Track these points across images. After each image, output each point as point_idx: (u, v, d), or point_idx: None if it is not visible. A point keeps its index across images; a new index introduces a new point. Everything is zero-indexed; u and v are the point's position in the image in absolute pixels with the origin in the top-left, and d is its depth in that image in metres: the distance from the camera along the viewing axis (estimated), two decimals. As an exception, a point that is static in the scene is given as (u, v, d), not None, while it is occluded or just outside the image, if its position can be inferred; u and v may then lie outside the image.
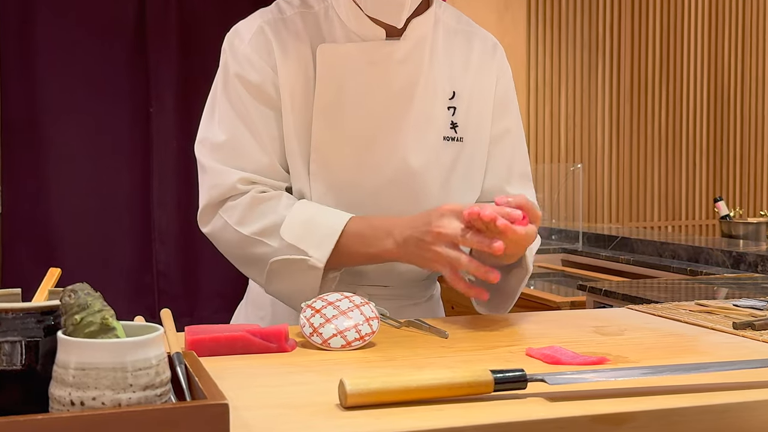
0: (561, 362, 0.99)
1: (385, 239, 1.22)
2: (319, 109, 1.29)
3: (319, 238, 1.24)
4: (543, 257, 3.43)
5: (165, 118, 3.76)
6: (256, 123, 1.29)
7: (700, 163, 4.93)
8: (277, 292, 1.30)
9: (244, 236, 1.27)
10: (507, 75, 1.42)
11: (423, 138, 1.32)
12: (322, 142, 1.29)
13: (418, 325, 1.20)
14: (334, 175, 1.30)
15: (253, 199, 1.27)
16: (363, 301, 1.14)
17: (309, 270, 1.24)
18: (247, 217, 1.27)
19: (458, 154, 1.35)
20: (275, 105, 1.29)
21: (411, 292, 1.40)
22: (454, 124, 1.35)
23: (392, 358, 1.05)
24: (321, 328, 1.09)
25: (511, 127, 1.41)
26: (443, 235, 1.15)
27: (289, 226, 1.25)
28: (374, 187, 1.31)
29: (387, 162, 1.30)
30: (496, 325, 1.24)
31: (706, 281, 2.39)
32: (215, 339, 1.04)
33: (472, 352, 1.08)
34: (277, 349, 1.06)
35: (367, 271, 1.34)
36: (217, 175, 1.29)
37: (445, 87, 1.34)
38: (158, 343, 0.73)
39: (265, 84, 1.29)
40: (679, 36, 4.85)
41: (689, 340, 1.15)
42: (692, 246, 2.89)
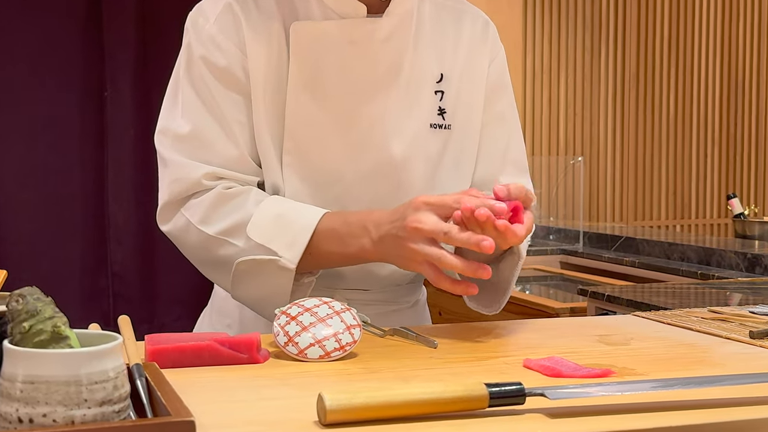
0: (562, 375, 1.00)
1: (362, 237, 1.21)
2: (292, 93, 1.28)
3: (291, 236, 1.23)
4: (540, 259, 3.44)
5: (121, 103, 3.74)
6: (223, 111, 1.29)
7: (712, 155, 4.97)
8: (244, 298, 1.30)
9: (208, 236, 1.26)
10: (500, 56, 1.42)
11: (407, 125, 1.32)
12: (297, 131, 1.29)
13: (404, 333, 1.20)
14: (310, 167, 1.30)
15: (218, 196, 1.27)
16: (343, 307, 1.13)
17: (279, 272, 1.23)
18: (212, 215, 1.27)
19: (446, 143, 1.35)
20: (244, 90, 1.29)
21: (393, 297, 1.40)
22: (441, 110, 1.35)
23: (376, 370, 1.04)
24: (297, 337, 1.08)
25: (505, 112, 1.41)
26: (420, 230, 1.14)
27: (257, 224, 1.25)
28: (354, 179, 1.31)
29: (368, 152, 1.30)
30: (490, 334, 1.25)
31: (719, 286, 2.40)
32: (179, 349, 1.03)
33: (464, 363, 1.08)
34: (248, 360, 1.06)
35: (345, 273, 1.34)
36: (180, 169, 1.28)
37: (432, 69, 1.34)
38: (116, 353, 0.73)
39: (232, 67, 1.28)
40: (690, 17, 4.88)
41: (701, 351, 1.16)
42: (703, 247, 2.91)
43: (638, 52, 4.80)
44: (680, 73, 4.89)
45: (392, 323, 1.26)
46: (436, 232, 1.13)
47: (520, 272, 1.29)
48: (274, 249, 1.23)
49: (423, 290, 1.50)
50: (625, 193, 4.81)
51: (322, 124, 1.29)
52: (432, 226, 1.13)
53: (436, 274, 1.15)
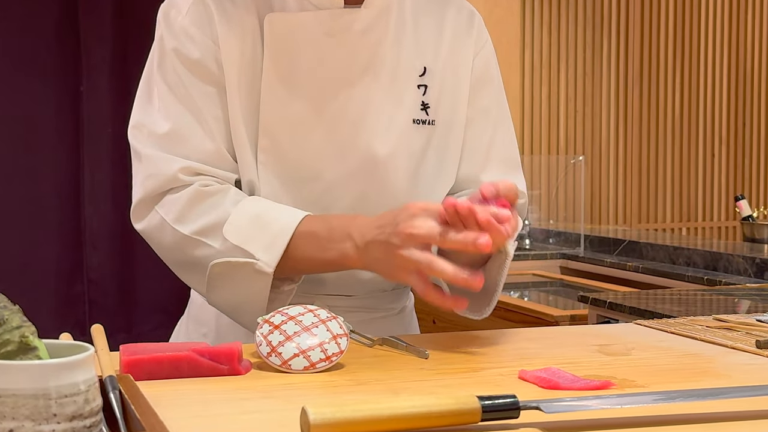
0: (559, 387, 1.00)
1: (344, 242, 1.21)
2: (267, 88, 1.29)
3: (269, 238, 1.23)
4: (539, 264, 3.44)
5: (98, 99, 3.73)
6: (198, 104, 1.29)
7: (720, 155, 4.98)
8: (219, 303, 1.30)
9: (183, 236, 1.26)
10: (486, 48, 1.42)
11: (389, 121, 1.32)
12: (272, 127, 1.29)
13: (393, 343, 1.20)
14: (287, 165, 1.30)
15: (195, 193, 1.27)
16: (330, 315, 1.13)
17: (256, 276, 1.23)
18: (188, 213, 1.27)
19: (430, 139, 1.36)
20: (219, 82, 1.29)
21: (378, 303, 1.40)
22: (424, 104, 1.35)
23: (363, 381, 1.04)
24: (280, 347, 1.08)
25: (491, 106, 1.42)
26: (414, 235, 1.14)
27: (234, 224, 1.25)
28: (334, 178, 1.31)
29: (348, 149, 1.31)
30: (484, 344, 1.25)
31: (726, 292, 2.41)
32: (155, 360, 1.03)
33: (456, 374, 1.08)
34: (229, 371, 1.06)
35: (325, 278, 1.34)
36: (155, 164, 1.29)
37: (414, 62, 1.35)
38: (88, 364, 0.73)
39: (206, 59, 1.29)
40: (695, 9, 4.90)
41: (706, 361, 1.16)
42: (710, 251, 2.91)
43: (642, 47, 4.81)
44: (686, 69, 4.90)
45: (377, 332, 1.26)
46: (432, 235, 1.13)
47: (518, 278, 1.29)
48: (251, 251, 1.23)
49: (410, 296, 1.50)
50: (628, 195, 4.82)
51: (298, 120, 1.30)
52: (427, 230, 1.13)
53: (425, 285, 1.15)
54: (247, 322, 1.28)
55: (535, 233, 3.79)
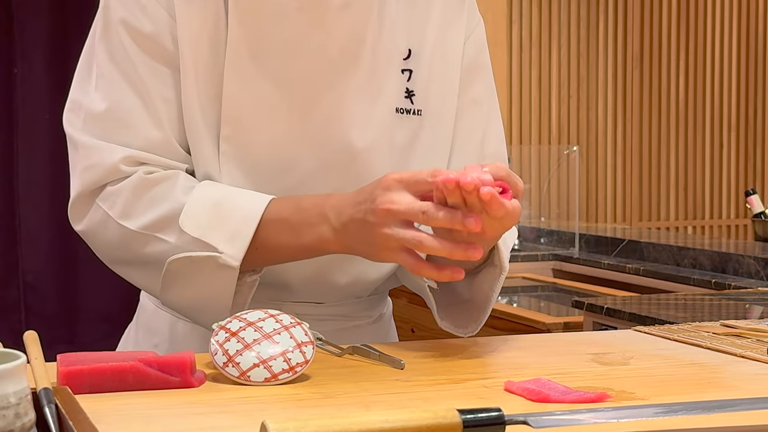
0: (549, 399, 1.00)
1: (320, 225, 1.21)
2: (231, 69, 1.28)
3: (232, 227, 1.22)
4: (529, 266, 3.45)
5: (34, 83, 3.71)
6: (146, 85, 1.28)
7: (728, 146, 5.02)
8: (177, 303, 1.29)
9: (131, 232, 1.25)
10: (478, 31, 1.42)
11: (369, 109, 1.32)
12: (236, 113, 1.28)
13: (365, 352, 1.20)
14: (253, 157, 1.29)
15: (139, 182, 1.26)
16: (293, 321, 1.13)
17: (220, 271, 1.22)
18: (135, 206, 1.26)
19: (415, 131, 1.35)
20: (173, 62, 1.28)
21: (353, 311, 1.40)
22: (409, 92, 1.35)
23: (331, 394, 1.04)
24: (238, 357, 1.08)
25: (483, 97, 1.42)
26: (394, 212, 1.13)
27: (191, 213, 1.24)
28: (306, 171, 1.30)
29: (323, 140, 1.30)
30: (466, 353, 1.25)
31: (735, 296, 2.43)
32: (97, 370, 1.03)
33: (435, 386, 1.08)
34: (181, 383, 1.05)
35: (293, 283, 1.33)
36: (94, 153, 1.27)
37: (398, 43, 1.34)
38: (18, 375, 0.72)
39: (160, 34, 1.27)
40: (702, -16, 4.93)
41: (711, 371, 1.17)
42: (718, 252, 2.94)
43: (642, 23, 4.84)
44: (691, 48, 4.93)
45: (351, 342, 1.26)
46: (413, 212, 1.12)
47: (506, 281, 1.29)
48: (213, 243, 1.22)
49: (388, 302, 1.50)
50: (628, 189, 4.85)
51: (266, 106, 1.29)
52: (407, 206, 1.12)
53: (416, 260, 1.15)
54: (208, 321, 1.27)
55: (525, 232, 3.81)
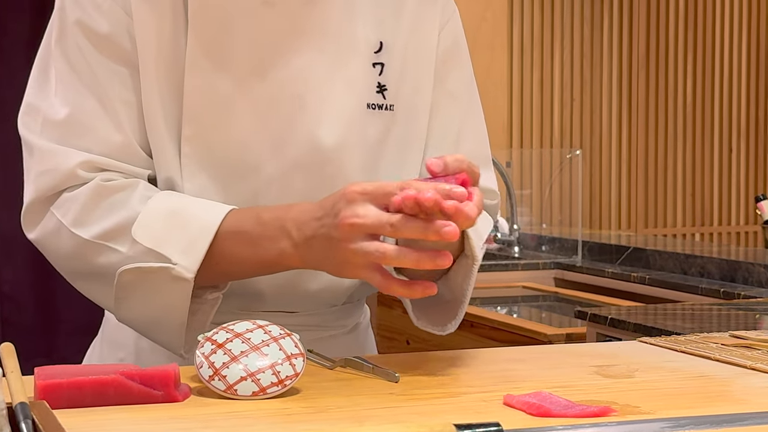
0: (550, 414, 1.00)
1: (280, 239, 1.20)
2: (192, 67, 1.28)
3: (187, 238, 1.22)
4: (530, 274, 3.45)
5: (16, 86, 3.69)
6: (105, 87, 1.28)
7: (738, 150, 5.02)
8: (131, 319, 1.28)
9: (84, 241, 1.25)
10: (453, 21, 1.42)
11: (339, 106, 1.32)
12: (198, 113, 1.29)
13: (358, 364, 1.20)
14: (217, 158, 1.29)
15: (96, 190, 1.26)
16: (283, 332, 1.13)
17: (173, 283, 1.22)
18: (89, 214, 1.25)
19: (388, 128, 1.36)
20: (131, 62, 1.28)
21: (327, 320, 1.39)
22: (381, 86, 1.35)
23: (323, 409, 1.04)
24: (225, 369, 1.08)
25: (460, 89, 1.42)
26: (359, 226, 1.12)
27: (145, 223, 1.23)
28: (274, 172, 1.30)
29: (290, 139, 1.30)
30: (463, 364, 1.25)
31: (746, 306, 2.42)
32: (76, 384, 1.02)
33: (430, 400, 1.08)
34: (164, 397, 1.05)
35: (264, 291, 1.33)
36: (50, 158, 1.27)
37: (368, 37, 1.35)
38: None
39: (116, 33, 1.28)
40: (710, -19, 4.94)
41: (721, 384, 1.17)
42: (727, 260, 2.93)
43: (648, 24, 4.84)
44: (699, 49, 4.94)
45: (327, 353, 1.26)
46: (380, 225, 1.11)
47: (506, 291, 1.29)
48: (167, 254, 1.22)
49: (365, 311, 1.50)
50: (633, 195, 4.85)
51: (230, 105, 1.29)
52: (373, 219, 1.12)
53: (384, 277, 1.14)
54: (165, 340, 1.27)
55: (526, 239, 3.81)
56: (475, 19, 4.33)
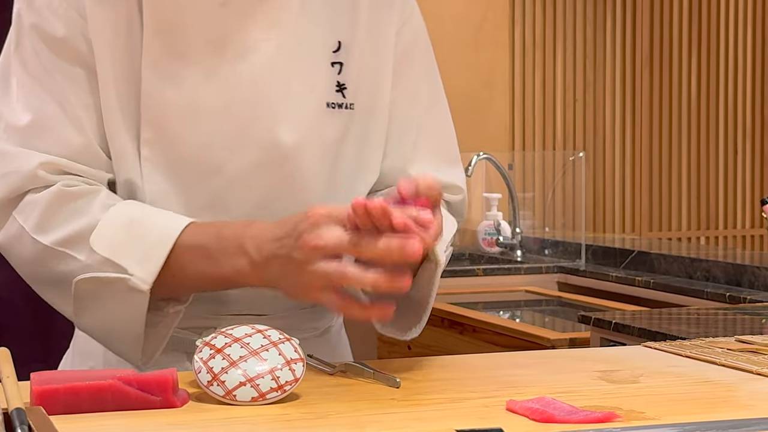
0: (554, 419, 1.00)
1: (238, 257, 1.21)
2: (149, 70, 1.29)
3: (144, 250, 1.23)
4: (532, 279, 3.45)
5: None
6: (64, 91, 1.29)
7: (743, 152, 5.02)
8: (90, 328, 1.29)
9: (44, 247, 1.26)
10: (413, 19, 1.44)
11: (299, 105, 1.33)
12: (157, 116, 1.30)
13: (358, 369, 1.20)
14: (177, 161, 1.31)
15: (57, 195, 1.26)
16: (282, 336, 1.13)
17: (129, 294, 1.22)
18: (50, 219, 1.26)
19: (348, 126, 1.37)
20: (88, 64, 1.30)
21: (298, 323, 1.39)
22: (341, 85, 1.36)
23: (323, 415, 1.04)
24: (223, 375, 1.08)
25: (419, 87, 1.44)
26: (321, 248, 1.14)
27: (103, 232, 1.24)
28: (234, 173, 1.31)
29: (250, 139, 1.31)
30: (465, 370, 1.25)
31: (751, 311, 2.42)
32: (73, 389, 1.02)
33: (432, 405, 1.08)
34: (162, 403, 1.05)
35: (230, 293, 1.33)
36: (12, 161, 1.28)
37: (326, 36, 1.36)
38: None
39: (72, 36, 1.29)
40: (714, -20, 4.94)
41: (727, 389, 1.17)
42: (732, 263, 2.93)
43: (652, 23, 4.85)
44: (703, 51, 4.94)
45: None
46: (341, 244, 1.13)
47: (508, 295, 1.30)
48: (123, 265, 1.22)
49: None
50: (637, 198, 4.85)
51: (188, 107, 1.30)
52: (336, 240, 1.13)
53: (342, 301, 1.16)
54: (123, 351, 1.28)
55: (528, 243, 3.80)
56: (477, 19, 4.33)
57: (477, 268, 3.49)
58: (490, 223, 3.80)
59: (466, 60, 4.30)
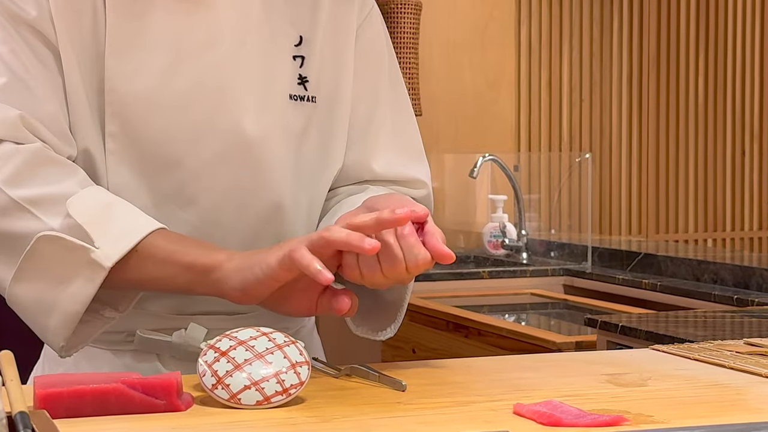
0: (561, 423, 1.00)
1: (215, 251, 1.25)
2: (112, 61, 1.31)
3: (118, 230, 1.24)
4: (538, 281, 3.45)
5: None
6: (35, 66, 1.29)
7: (751, 153, 5.02)
8: (24, 298, 1.26)
9: (10, 200, 1.25)
10: (373, 14, 1.47)
11: (262, 96, 1.36)
12: (121, 106, 1.31)
13: (364, 373, 1.21)
14: (140, 151, 1.32)
15: (40, 153, 1.26)
16: (288, 339, 1.14)
17: (87, 267, 1.22)
18: (26, 175, 1.25)
19: (310, 118, 1.40)
20: (57, 49, 1.30)
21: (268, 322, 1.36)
22: (303, 78, 1.39)
23: (328, 418, 1.04)
24: (228, 378, 1.08)
25: (380, 82, 1.46)
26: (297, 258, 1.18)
27: (83, 201, 1.25)
28: (198, 164, 1.33)
29: (214, 129, 1.33)
30: (472, 373, 1.25)
31: (760, 313, 2.42)
32: (77, 393, 1.03)
33: (438, 409, 1.08)
34: (167, 407, 1.06)
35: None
36: None
37: (287, 30, 1.39)
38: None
39: (42, 20, 1.29)
40: (722, -20, 4.94)
41: (735, 392, 1.17)
42: (740, 266, 2.93)
43: (659, 22, 4.84)
44: (711, 50, 4.93)
45: None
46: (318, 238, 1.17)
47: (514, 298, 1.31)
48: (93, 236, 1.22)
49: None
50: (644, 199, 4.85)
51: (151, 99, 1.32)
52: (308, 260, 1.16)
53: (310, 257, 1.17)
54: (50, 328, 1.25)
55: (534, 245, 3.81)
56: (483, 19, 4.33)
57: (482, 271, 3.49)
58: (496, 225, 3.80)
59: (471, 60, 4.31)
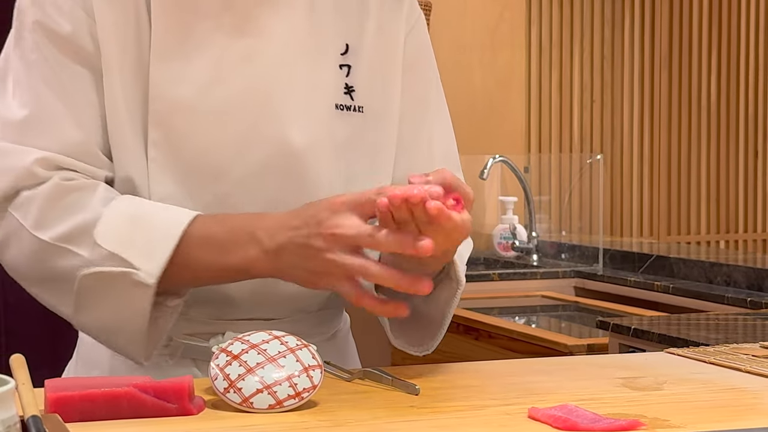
0: (577, 427, 1.00)
1: (248, 246, 1.22)
2: (157, 70, 1.30)
3: (151, 242, 1.23)
4: (549, 284, 3.45)
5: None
6: (66, 87, 1.29)
7: (764, 153, 5.01)
8: (90, 326, 1.28)
9: (44, 243, 1.25)
10: (419, 25, 1.46)
11: (307, 106, 1.35)
12: (165, 117, 1.30)
13: (377, 376, 1.21)
14: (185, 162, 1.31)
15: (55, 189, 1.26)
16: (300, 343, 1.14)
17: (134, 289, 1.22)
18: (48, 214, 1.26)
19: (357, 128, 1.38)
20: (93, 63, 1.30)
21: (305, 327, 1.38)
22: (349, 87, 1.38)
23: (341, 422, 1.04)
24: (240, 382, 1.08)
25: (429, 93, 1.45)
26: (341, 237, 1.15)
27: (108, 226, 1.24)
28: (243, 175, 1.32)
29: (259, 140, 1.32)
30: (486, 377, 1.25)
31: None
32: (89, 396, 1.03)
33: (453, 413, 1.08)
34: (178, 410, 1.06)
35: (236, 297, 1.33)
36: (6, 158, 1.28)
37: (334, 39, 1.38)
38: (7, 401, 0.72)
39: (78, 34, 1.29)
40: (734, -21, 4.93)
41: (752, 396, 1.17)
42: (753, 268, 2.93)
43: (671, 23, 4.84)
44: (723, 50, 4.93)
45: None
46: (361, 236, 1.14)
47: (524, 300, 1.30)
48: (129, 259, 1.22)
49: (345, 318, 1.51)
50: (655, 201, 4.84)
51: (196, 108, 1.31)
52: (355, 230, 1.15)
53: (357, 291, 1.17)
54: (125, 347, 1.27)
55: (545, 247, 3.80)
56: (493, 19, 4.33)
57: (492, 273, 3.49)
58: (506, 226, 3.80)
59: (481, 61, 4.30)
